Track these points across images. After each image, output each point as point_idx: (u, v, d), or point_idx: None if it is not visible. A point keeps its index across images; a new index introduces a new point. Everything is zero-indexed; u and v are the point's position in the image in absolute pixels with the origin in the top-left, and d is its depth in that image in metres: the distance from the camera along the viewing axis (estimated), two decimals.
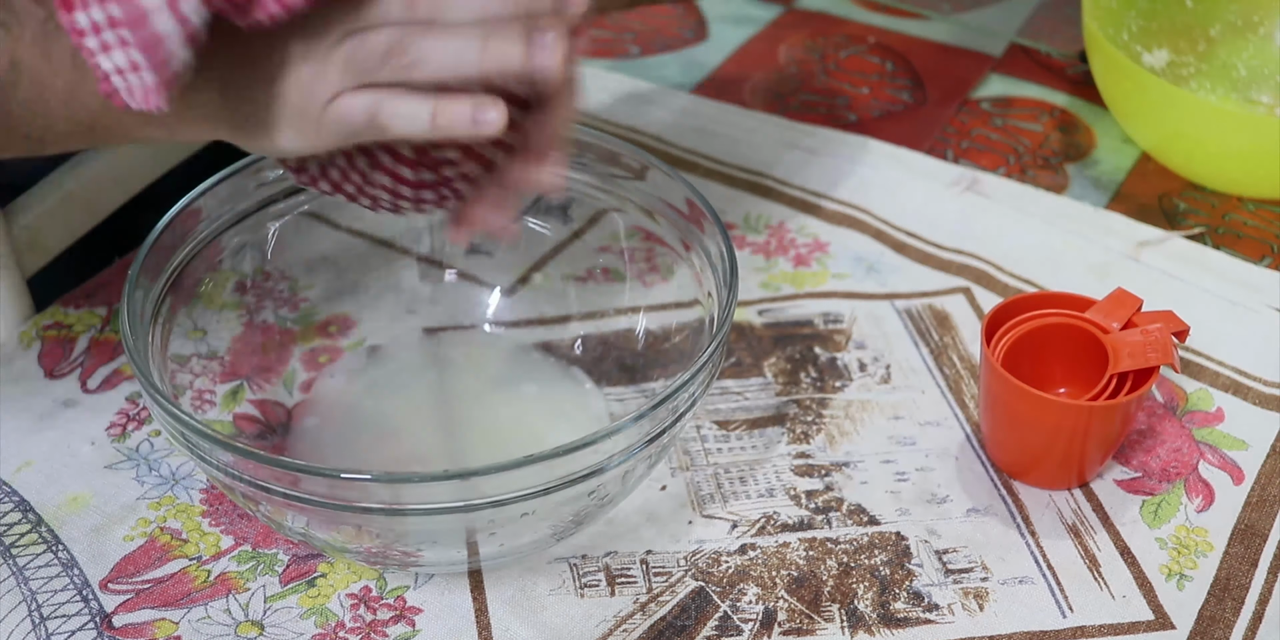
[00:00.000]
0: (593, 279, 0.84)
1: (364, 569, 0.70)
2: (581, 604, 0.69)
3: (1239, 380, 0.83)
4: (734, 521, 0.74)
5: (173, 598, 0.69)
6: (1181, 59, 1.04)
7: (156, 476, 0.75)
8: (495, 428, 0.76)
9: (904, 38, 1.16)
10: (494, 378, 0.80)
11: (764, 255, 0.91)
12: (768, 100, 1.07)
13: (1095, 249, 0.92)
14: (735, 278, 0.68)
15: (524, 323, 0.83)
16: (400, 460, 0.74)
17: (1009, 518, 0.74)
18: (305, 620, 0.68)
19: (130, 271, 0.67)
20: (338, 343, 0.82)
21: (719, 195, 0.95)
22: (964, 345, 0.85)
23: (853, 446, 0.78)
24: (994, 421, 0.76)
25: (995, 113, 1.06)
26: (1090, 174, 1.00)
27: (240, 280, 0.78)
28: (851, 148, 1.01)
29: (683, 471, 0.76)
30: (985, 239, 0.92)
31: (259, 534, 0.72)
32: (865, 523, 0.74)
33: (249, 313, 0.79)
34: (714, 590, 0.70)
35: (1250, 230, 0.95)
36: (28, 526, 0.72)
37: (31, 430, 0.77)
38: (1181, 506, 0.75)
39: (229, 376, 0.77)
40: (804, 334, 0.85)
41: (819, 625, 0.69)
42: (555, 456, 0.60)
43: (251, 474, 0.61)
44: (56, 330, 0.83)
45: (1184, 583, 0.71)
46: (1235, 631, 0.69)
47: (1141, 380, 0.71)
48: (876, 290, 0.89)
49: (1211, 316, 0.87)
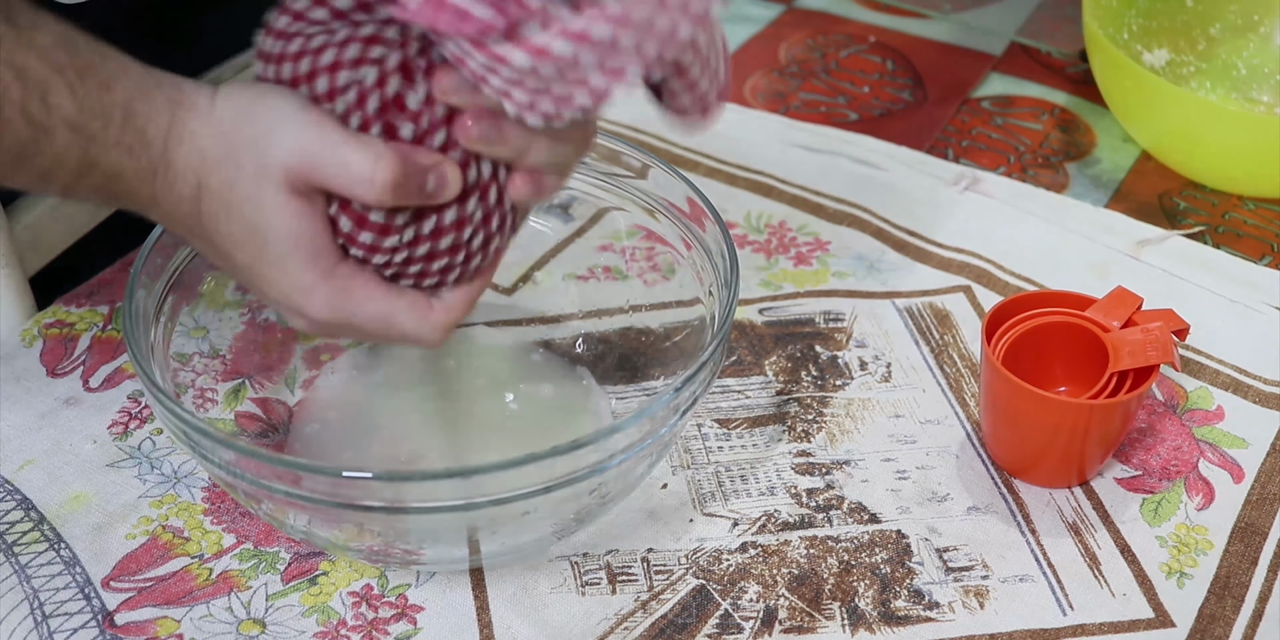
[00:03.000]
0: (594, 277, 0.84)
1: (365, 567, 0.71)
2: (583, 602, 0.69)
3: (1239, 378, 0.83)
4: (735, 520, 0.74)
5: (175, 596, 0.69)
6: (1181, 58, 1.04)
7: (158, 475, 0.75)
8: (496, 426, 0.76)
9: (904, 37, 1.16)
10: (495, 376, 0.80)
11: (765, 254, 0.91)
12: (768, 99, 1.07)
13: (1095, 247, 0.92)
14: (736, 276, 0.69)
15: (525, 321, 0.83)
16: (402, 458, 0.74)
17: (1009, 516, 0.74)
18: (307, 618, 0.68)
19: (132, 270, 0.67)
20: (339, 341, 0.82)
21: (720, 194, 0.95)
22: (964, 344, 0.85)
23: (853, 445, 0.78)
24: (994, 420, 0.76)
25: (996, 112, 1.07)
26: (1090, 173, 1.00)
27: None
28: (852, 146, 1.01)
29: (684, 470, 0.76)
30: (986, 238, 0.93)
31: (261, 532, 0.72)
32: (866, 521, 0.74)
33: (251, 311, 0.79)
34: (715, 588, 0.70)
35: (1250, 229, 0.95)
36: (30, 525, 0.72)
37: (33, 428, 0.77)
38: (1182, 504, 0.75)
39: (231, 375, 0.77)
40: (805, 332, 0.85)
41: (820, 623, 0.69)
42: (556, 455, 0.60)
43: (253, 472, 0.61)
44: (58, 329, 0.83)
45: (1184, 581, 0.71)
46: (1235, 629, 0.69)
47: (1142, 378, 0.71)
48: (877, 289, 0.89)
49: (1211, 315, 0.87)
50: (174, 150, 0.56)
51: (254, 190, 0.56)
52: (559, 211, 0.86)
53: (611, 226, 0.82)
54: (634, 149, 0.77)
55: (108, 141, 0.54)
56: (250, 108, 0.56)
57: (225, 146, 0.56)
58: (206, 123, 0.56)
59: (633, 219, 0.79)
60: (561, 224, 0.86)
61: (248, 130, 0.56)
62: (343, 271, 0.58)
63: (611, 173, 0.78)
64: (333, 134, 0.55)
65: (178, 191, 0.57)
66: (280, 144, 0.55)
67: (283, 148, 0.55)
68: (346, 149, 0.55)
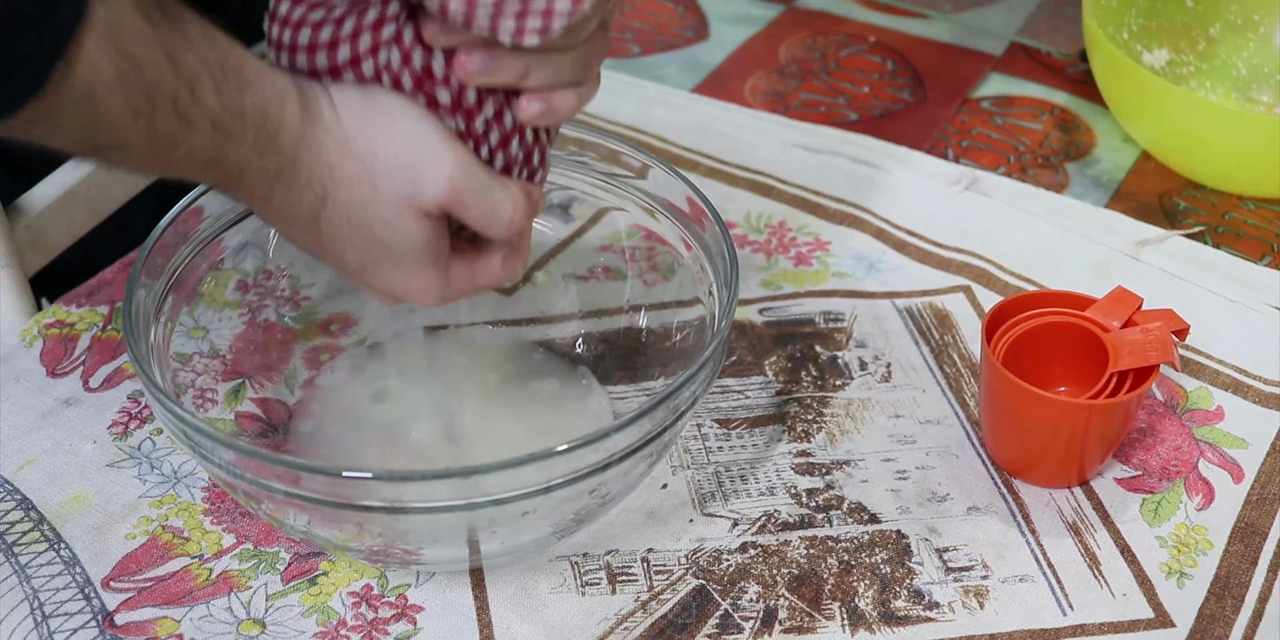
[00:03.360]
0: (594, 277, 0.84)
1: (365, 567, 0.71)
2: (583, 602, 0.69)
3: (1239, 378, 0.83)
4: (735, 520, 0.74)
5: (174, 596, 0.69)
6: (1181, 58, 1.04)
7: (158, 475, 0.75)
8: (496, 426, 0.76)
9: (904, 37, 1.16)
10: (495, 376, 0.80)
11: (765, 254, 0.91)
12: (768, 99, 1.07)
13: (1095, 248, 0.92)
14: (736, 276, 0.68)
15: (525, 321, 0.83)
16: (402, 458, 0.74)
17: (1009, 516, 0.74)
18: (307, 618, 0.68)
19: (132, 270, 0.67)
20: (339, 341, 0.82)
21: (720, 194, 0.95)
22: (964, 344, 0.85)
23: (853, 445, 0.78)
24: (994, 420, 0.76)
25: (996, 112, 1.07)
26: (1090, 173, 1.00)
27: (242, 279, 0.78)
28: (852, 146, 1.01)
29: (684, 470, 0.76)
30: (986, 238, 0.93)
31: (261, 532, 0.72)
32: (866, 521, 0.74)
33: (251, 311, 0.79)
34: (715, 588, 0.70)
35: (1250, 229, 0.95)
36: (29, 525, 0.72)
37: (33, 428, 0.77)
38: (1181, 505, 0.75)
39: (231, 375, 0.77)
40: (805, 332, 0.85)
41: (820, 623, 0.69)
42: (556, 455, 0.60)
43: (253, 472, 0.61)
44: (58, 329, 0.83)
45: (1184, 581, 0.71)
46: (1235, 629, 0.69)
47: (1142, 379, 0.71)
48: (877, 289, 0.89)
49: (1212, 315, 0.87)
50: (302, 158, 0.57)
51: (391, 214, 0.58)
52: (559, 211, 0.86)
53: (611, 227, 0.82)
54: (634, 149, 0.77)
55: (244, 141, 0.55)
56: (385, 127, 0.57)
57: (359, 168, 0.57)
58: (333, 135, 0.57)
59: (632, 219, 0.79)
60: (561, 224, 0.86)
61: (386, 155, 0.57)
62: (450, 264, 0.62)
63: (611, 173, 0.78)
64: (480, 176, 0.59)
65: (298, 194, 0.58)
66: (431, 181, 0.58)
67: (434, 185, 0.58)
68: (494, 195, 0.59)
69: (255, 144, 0.55)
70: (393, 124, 0.57)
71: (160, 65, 0.51)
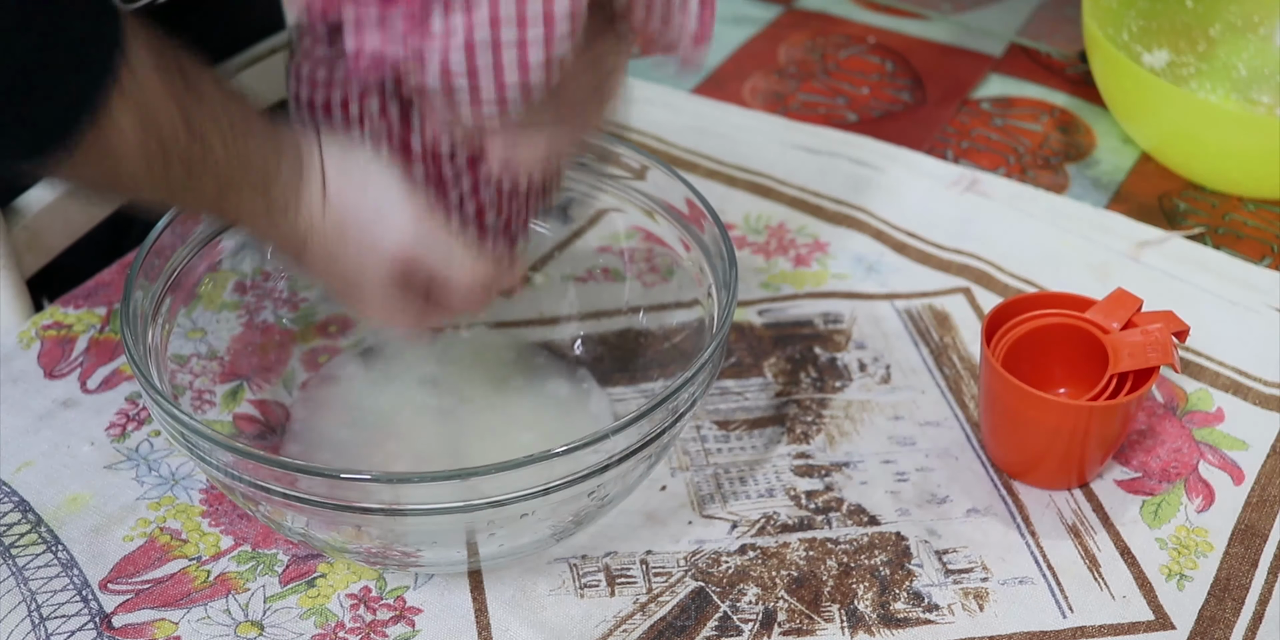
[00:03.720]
0: (593, 279, 0.84)
1: (364, 569, 0.70)
2: (581, 604, 0.69)
3: (1239, 380, 0.83)
4: (734, 522, 0.74)
5: (172, 598, 0.69)
6: (1181, 59, 1.04)
7: (156, 477, 0.75)
8: (495, 427, 0.76)
9: (904, 38, 1.16)
10: (494, 378, 0.80)
11: (764, 255, 0.91)
12: (768, 100, 1.07)
13: (1095, 249, 0.92)
14: (735, 278, 0.68)
15: (524, 322, 0.83)
16: (400, 460, 0.74)
17: (1009, 518, 0.74)
18: (305, 620, 0.68)
19: (130, 271, 0.67)
20: (337, 342, 0.82)
21: (719, 195, 0.95)
22: (964, 345, 0.85)
23: (852, 447, 0.78)
24: (994, 422, 0.76)
25: (995, 113, 1.06)
26: (1090, 174, 1.00)
27: (240, 280, 0.78)
28: (851, 148, 1.01)
29: (682, 472, 0.76)
30: (985, 239, 0.92)
31: (259, 534, 0.72)
32: (865, 523, 0.74)
33: (248, 313, 0.79)
34: (714, 590, 0.70)
35: (1250, 230, 0.95)
36: (27, 527, 0.72)
37: (31, 430, 0.77)
38: (1181, 507, 0.75)
39: (228, 376, 0.77)
40: (804, 334, 0.85)
41: (819, 625, 0.69)
42: (555, 456, 0.60)
43: (251, 474, 0.61)
44: (56, 330, 0.83)
45: (1184, 583, 0.71)
46: (1235, 632, 0.69)
47: (1141, 380, 0.71)
48: (876, 290, 0.88)
49: (1212, 316, 0.87)
50: (292, 203, 0.61)
51: (358, 260, 0.63)
52: (558, 213, 0.86)
53: (610, 228, 0.82)
54: (633, 150, 0.76)
55: (244, 184, 0.60)
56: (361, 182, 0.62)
57: (335, 217, 0.62)
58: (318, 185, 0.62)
59: (631, 220, 0.79)
60: (560, 225, 0.86)
61: (356, 208, 0.62)
62: (421, 299, 0.66)
63: (610, 174, 0.78)
64: (438, 236, 0.63)
65: (289, 228, 0.62)
66: (391, 236, 0.63)
67: (392, 240, 0.63)
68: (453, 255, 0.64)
69: (256, 186, 0.60)
70: (366, 179, 0.63)
71: (176, 124, 0.55)
